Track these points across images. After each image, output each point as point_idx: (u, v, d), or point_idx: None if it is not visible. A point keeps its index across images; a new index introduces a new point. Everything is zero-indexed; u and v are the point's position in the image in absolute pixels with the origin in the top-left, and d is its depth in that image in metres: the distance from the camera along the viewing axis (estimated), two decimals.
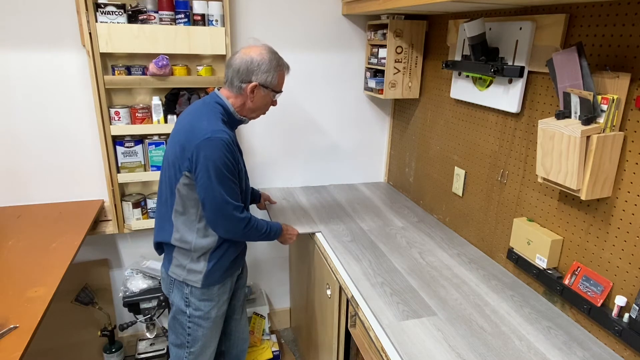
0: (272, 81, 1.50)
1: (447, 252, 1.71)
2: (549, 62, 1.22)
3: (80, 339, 2.26)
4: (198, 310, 1.60)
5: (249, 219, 1.52)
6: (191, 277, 1.56)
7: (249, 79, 1.47)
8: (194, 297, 1.59)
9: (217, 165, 1.40)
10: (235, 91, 1.50)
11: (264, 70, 1.47)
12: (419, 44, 2.06)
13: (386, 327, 1.25)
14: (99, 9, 1.77)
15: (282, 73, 1.53)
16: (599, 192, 1.16)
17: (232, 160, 1.43)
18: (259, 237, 1.59)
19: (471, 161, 1.77)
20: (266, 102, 1.55)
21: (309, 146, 2.41)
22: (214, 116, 1.46)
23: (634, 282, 1.13)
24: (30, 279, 1.43)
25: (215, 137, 1.39)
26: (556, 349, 1.18)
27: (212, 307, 1.61)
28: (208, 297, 1.59)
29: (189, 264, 1.55)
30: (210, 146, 1.39)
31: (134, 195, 2.13)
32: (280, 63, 1.52)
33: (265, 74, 1.47)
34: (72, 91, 1.98)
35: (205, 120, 1.44)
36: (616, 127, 1.12)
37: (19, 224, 1.86)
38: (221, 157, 1.40)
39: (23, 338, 1.15)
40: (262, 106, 1.56)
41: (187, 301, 1.59)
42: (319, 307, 1.90)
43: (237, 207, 1.47)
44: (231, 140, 1.43)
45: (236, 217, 1.47)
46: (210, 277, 1.57)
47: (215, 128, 1.41)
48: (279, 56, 1.52)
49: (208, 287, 1.58)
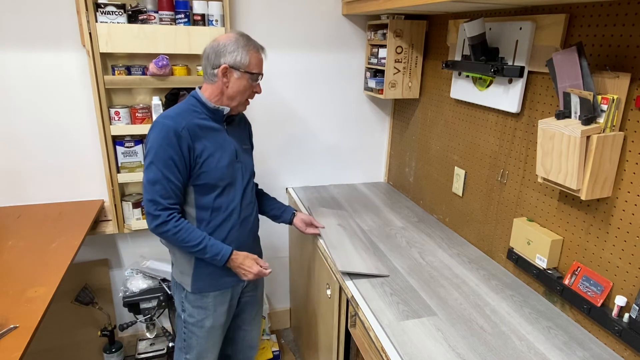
0: (242, 61, 1.39)
1: (447, 252, 1.71)
2: (549, 62, 1.22)
3: (80, 339, 2.26)
4: (191, 317, 1.56)
5: (165, 222, 1.38)
6: (184, 279, 1.53)
7: (219, 62, 1.39)
8: (188, 303, 1.55)
9: (149, 148, 1.36)
10: (210, 80, 1.43)
11: (231, 50, 1.38)
12: (419, 44, 2.06)
13: (386, 327, 1.25)
14: (99, 9, 1.77)
15: (253, 52, 1.41)
16: (599, 192, 1.16)
17: (169, 148, 1.34)
18: (185, 248, 1.42)
19: (471, 161, 1.77)
20: (244, 87, 1.43)
21: (309, 146, 2.41)
22: (181, 106, 1.43)
23: (634, 282, 1.13)
24: (30, 279, 1.43)
25: (158, 121, 1.37)
26: (556, 349, 1.18)
27: (206, 316, 1.56)
28: (201, 305, 1.55)
29: (180, 265, 1.53)
30: (152, 130, 1.37)
31: (134, 195, 2.13)
32: (250, 43, 1.42)
33: (232, 54, 1.38)
34: (72, 91, 1.98)
35: (169, 110, 1.42)
36: (616, 127, 1.12)
37: (19, 224, 1.86)
38: (156, 140, 1.35)
39: (23, 338, 1.15)
40: (241, 91, 1.44)
41: (182, 305, 1.57)
42: (319, 307, 1.90)
43: (154, 202, 1.37)
44: (180, 127, 1.36)
45: (149, 211, 1.38)
46: (198, 282, 1.52)
47: (167, 114, 1.39)
48: (248, 37, 1.43)
49: (200, 294, 1.53)
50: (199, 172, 1.42)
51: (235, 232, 1.53)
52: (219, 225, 1.49)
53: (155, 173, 1.36)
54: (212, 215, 1.48)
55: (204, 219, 1.47)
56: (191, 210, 1.47)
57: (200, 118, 1.43)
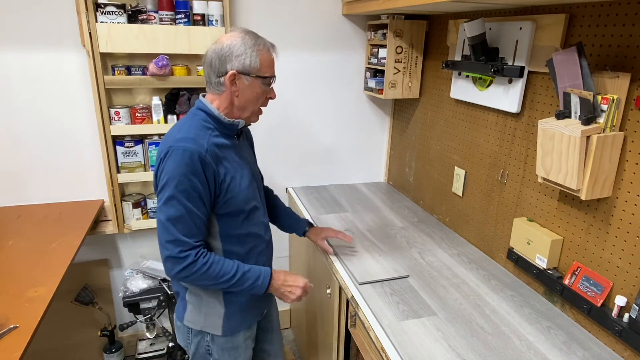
0: (252, 64, 1.19)
1: (447, 252, 1.71)
2: (549, 62, 1.22)
3: (80, 339, 2.26)
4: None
5: (194, 262, 1.17)
6: (212, 322, 1.33)
7: (225, 69, 1.19)
8: (217, 346, 1.36)
9: (168, 179, 1.15)
10: (216, 90, 1.23)
11: (238, 53, 1.18)
12: (419, 44, 2.06)
13: (386, 327, 1.25)
14: (99, 9, 1.77)
15: (264, 53, 1.22)
16: (599, 192, 1.16)
17: (193, 177, 1.14)
18: (219, 285, 1.22)
19: (471, 161, 1.77)
20: (256, 94, 1.24)
21: (309, 146, 2.41)
22: (193, 124, 1.21)
23: (634, 282, 1.13)
24: (30, 279, 1.43)
25: (176, 147, 1.14)
26: (556, 349, 1.18)
27: (238, 355, 1.40)
28: (234, 346, 1.38)
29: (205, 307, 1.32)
30: (169, 157, 1.15)
31: (134, 195, 2.13)
32: (259, 42, 1.21)
33: (240, 58, 1.18)
34: (72, 91, 1.98)
35: (177, 130, 1.21)
36: (616, 127, 1.12)
37: (19, 224, 1.86)
38: (177, 169, 1.14)
39: (23, 338, 1.15)
40: (253, 99, 1.25)
41: (208, 350, 1.37)
42: (319, 307, 1.90)
43: (178, 242, 1.16)
44: (203, 151, 1.16)
45: (172, 254, 1.16)
46: (231, 322, 1.34)
47: (183, 136, 1.17)
48: (256, 35, 1.23)
49: (232, 335, 1.36)
50: (225, 199, 1.23)
51: (263, 257, 1.39)
52: (247, 253, 1.33)
53: (177, 209, 1.15)
54: (241, 244, 1.31)
55: (232, 251, 1.30)
56: (216, 244, 1.28)
57: (214, 136, 1.22)
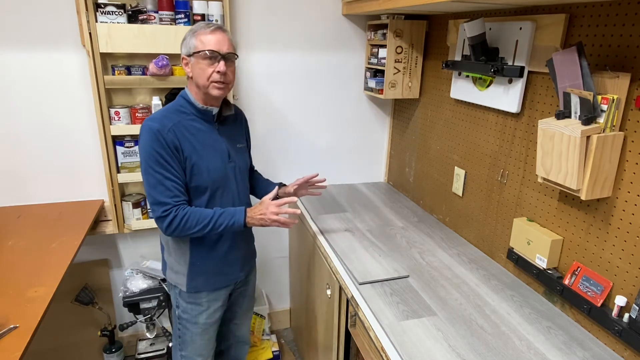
0: (191, 46, 1.38)
1: (447, 252, 1.71)
2: (549, 62, 1.22)
3: (80, 339, 2.26)
4: (185, 312, 1.58)
5: (175, 216, 1.36)
6: (178, 279, 1.55)
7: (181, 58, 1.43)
8: (182, 299, 1.57)
9: (142, 155, 1.37)
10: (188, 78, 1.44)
11: (184, 44, 1.41)
12: (419, 44, 2.06)
13: (386, 327, 1.25)
14: (99, 9, 1.77)
15: (200, 33, 1.37)
16: (599, 192, 1.16)
17: (159, 149, 1.34)
18: (200, 231, 1.39)
19: (471, 161, 1.77)
20: (200, 69, 1.37)
21: (309, 146, 2.41)
22: (167, 108, 1.43)
23: (634, 282, 1.13)
24: (30, 279, 1.43)
25: (144, 125, 1.37)
26: (556, 349, 1.18)
27: (199, 312, 1.58)
28: (195, 301, 1.56)
29: (175, 266, 1.54)
30: (140, 135, 1.38)
31: (134, 195, 2.13)
32: (199, 27, 1.39)
33: (184, 43, 1.40)
34: (72, 91, 1.98)
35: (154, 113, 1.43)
36: (616, 127, 1.12)
37: (19, 224, 1.86)
38: (145, 145, 1.35)
39: (23, 338, 1.15)
40: (201, 74, 1.37)
41: (177, 301, 1.59)
42: (319, 307, 1.90)
43: (160, 203, 1.36)
44: (164, 128, 1.35)
45: (158, 215, 1.38)
46: (193, 281, 1.53)
47: (152, 117, 1.39)
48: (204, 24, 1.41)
49: (195, 292, 1.55)
50: (191, 174, 1.41)
51: (229, 234, 1.54)
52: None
53: (153, 176, 1.36)
54: None
55: None
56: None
57: (188, 119, 1.42)
